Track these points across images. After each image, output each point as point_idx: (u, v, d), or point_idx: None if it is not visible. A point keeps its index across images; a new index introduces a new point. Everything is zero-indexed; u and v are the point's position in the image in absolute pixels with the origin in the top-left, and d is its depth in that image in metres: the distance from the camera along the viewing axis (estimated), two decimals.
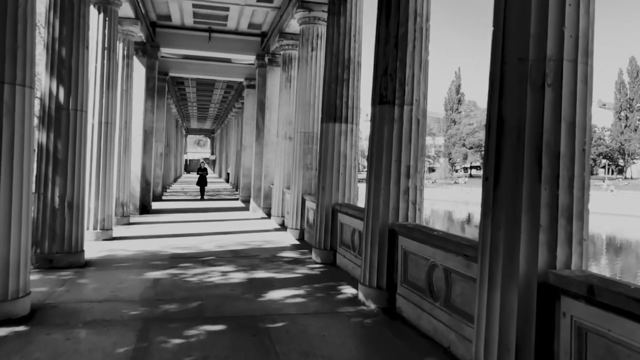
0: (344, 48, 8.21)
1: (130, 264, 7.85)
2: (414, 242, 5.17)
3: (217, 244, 9.92)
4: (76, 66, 7.41)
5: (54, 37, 7.28)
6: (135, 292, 6.20)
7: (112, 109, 10.07)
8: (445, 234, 4.66)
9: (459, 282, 4.35)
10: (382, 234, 5.69)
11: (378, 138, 5.78)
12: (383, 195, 5.70)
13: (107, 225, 9.97)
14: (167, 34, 15.55)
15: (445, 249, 4.50)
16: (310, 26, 10.70)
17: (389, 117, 5.72)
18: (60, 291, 6.10)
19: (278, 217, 13.47)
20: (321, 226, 8.31)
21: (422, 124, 5.82)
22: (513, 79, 3.27)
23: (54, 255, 7.32)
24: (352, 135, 8.31)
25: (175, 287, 6.45)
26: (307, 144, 10.69)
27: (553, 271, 3.08)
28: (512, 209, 3.22)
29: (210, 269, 7.62)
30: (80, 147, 7.55)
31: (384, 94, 5.75)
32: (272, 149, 14.68)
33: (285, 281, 6.97)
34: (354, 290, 6.40)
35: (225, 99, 30.13)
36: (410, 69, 5.73)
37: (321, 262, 8.23)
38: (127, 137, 12.63)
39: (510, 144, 3.26)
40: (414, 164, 5.73)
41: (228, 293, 6.25)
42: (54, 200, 7.33)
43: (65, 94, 7.33)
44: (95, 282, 6.61)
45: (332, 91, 8.26)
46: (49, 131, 7.30)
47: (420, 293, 5.04)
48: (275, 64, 15.33)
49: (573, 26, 3.16)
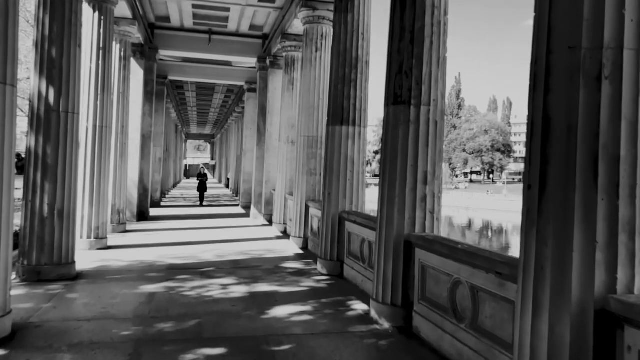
0: (351, 47, 7.76)
1: (124, 276, 7.36)
2: (434, 256, 4.69)
3: (216, 254, 9.44)
4: (67, 66, 6.96)
5: (43, 34, 6.82)
6: (128, 308, 5.72)
7: (108, 112, 9.61)
8: (473, 247, 4.17)
9: (488, 303, 3.88)
10: (396, 245, 5.22)
11: (392, 141, 5.32)
12: (398, 204, 5.22)
13: (102, 234, 9.49)
14: (166, 35, 15.14)
15: (473, 265, 4.03)
16: (315, 26, 10.27)
17: (404, 118, 5.26)
18: (47, 308, 5.62)
19: (280, 225, 12.99)
20: (327, 235, 7.83)
21: (440, 125, 5.36)
22: (562, 71, 2.81)
23: (42, 267, 6.83)
24: (360, 138, 7.84)
25: (171, 303, 5.97)
26: (311, 148, 10.25)
27: (614, 296, 2.61)
28: (561, 223, 2.75)
29: (209, 281, 7.13)
30: (71, 152, 7.09)
31: (399, 93, 5.29)
32: (274, 153, 14.20)
33: (289, 295, 6.48)
34: (364, 306, 5.91)
35: (226, 104, 29.73)
36: (427, 67, 5.27)
37: (327, 274, 7.74)
38: (124, 142, 12.16)
39: (559, 146, 2.80)
40: (431, 169, 5.26)
41: (228, 309, 5.77)
42: (43, 208, 6.86)
43: (56, 95, 6.87)
44: (86, 297, 6.13)
45: (339, 92, 7.81)
46: (37, 134, 6.84)
47: (441, 312, 4.56)
48: (277, 67, 14.91)
49: (635, 9, 2.69)
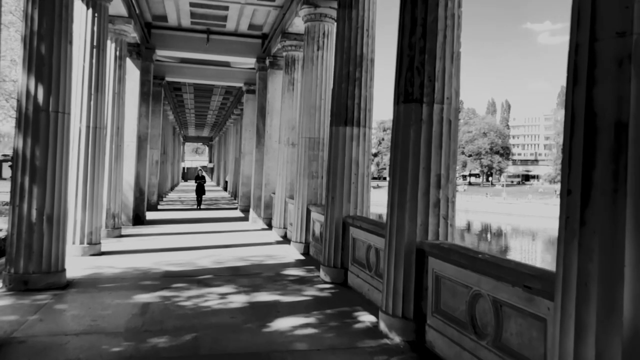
0: (355, 44, 7.41)
1: (117, 284, 6.99)
2: (450, 266, 4.33)
3: (214, 260, 9.07)
4: (57, 63, 6.60)
5: (32, 30, 6.46)
6: (120, 320, 5.35)
7: (102, 112, 9.24)
8: (496, 258, 3.81)
9: (514, 319, 3.52)
10: (408, 254, 4.86)
11: (403, 142, 4.97)
12: (409, 209, 4.87)
13: (95, 239, 9.12)
14: (163, 35, 14.78)
15: (496, 277, 3.67)
16: (316, 24, 9.93)
17: (415, 117, 4.91)
18: (33, 320, 5.24)
19: (280, 229, 12.61)
20: (330, 241, 7.47)
21: (454, 125, 5.01)
22: (609, 59, 2.46)
23: (30, 276, 6.46)
24: (364, 139, 7.49)
25: (166, 315, 5.59)
26: (312, 150, 9.89)
27: None
28: (610, 234, 2.40)
29: (207, 290, 6.76)
30: (62, 154, 6.73)
31: (410, 90, 4.94)
32: (274, 156, 13.83)
33: (292, 306, 6.11)
34: (372, 318, 5.55)
35: (224, 106, 29.37)
36: (440, 62, 4.92)
37: (331, 282, 7.37)
38: (119, 144, 11.78)
39: (607, 146, 2.45)
40: (445, 172, 4.91)
41: (227, 322, 5.40)
42: (31, 213, 6.49)
43: (45, 93, 6.51)
44: (75, 308, 5.75)
45: (343, 91, 7.46)
46: (26, 135, 6.47)
47: (458, 327, 4.20)
48: (276, 67, 14.56)
49: None
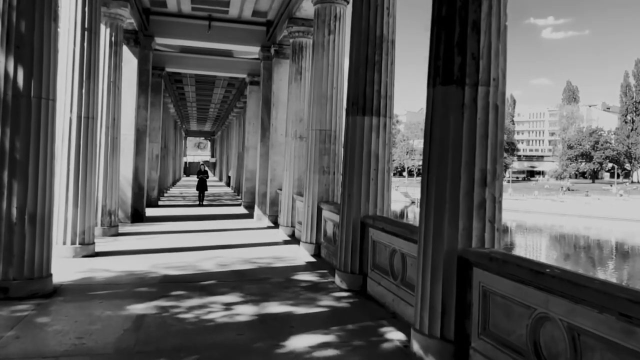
0: (374, 23, 6.63)
1: (110, 292, 6.27)
2: (504, 280, 3.58)
3: (218, 262, 8.34)
4: (40, 43, 5.85)
5: (10, 4, 5.70)
6: (109, 338, 4.61)
7: (94, 101, 8.47)
8: (570, 273, 3.05)
9: (601, 353, 2.77)
10: (447, 264, 4.11)
11: (441, 132, 4.21)
12: (449, 211, 4.11)
13: (88, 239, 8.39)
14: (162, 22, 14.01)
15: (574, 299, 2.91)
16: (327, 5, 9.16)
17: (456, 102, 4.14)
18: (8, 338, 4.50)
19: (287, 227, 11.86)
20: (347, 244, 6.72)
21: (502, 112, 4.24)
22: None
23: (10, 283, 5.73)
24: (385, 131, 6.72)
25: (163, 330, 4.85)
26: (323, 143, 9.14)
27: None
28: None
29: (210, 299, 6.02)
30: (46, 145, 5.99)
31: (450, 70, 4.18)
32: (280, 150, 13.06)
33: (307, 319, 5.37)
34: (401, 336, 4.81)
35: (226, 99, 28.63)
36: (485, 37, 4.15)
37: (347, 289, 6.62)
38: (116, 136, 11.02)
39: None
40: (491, 167, 4.15)
41: (234, 340, 4.65)
42: (11, 212, 5.75)
43: (26, 77, 5.76)
44: (59, 322, 5.02)
45: (360, 77, 6.68)
46: (4, 124, 5.73)
47: (515, 355, 3.45)
48: (282, 56, 13.75)
49: None
